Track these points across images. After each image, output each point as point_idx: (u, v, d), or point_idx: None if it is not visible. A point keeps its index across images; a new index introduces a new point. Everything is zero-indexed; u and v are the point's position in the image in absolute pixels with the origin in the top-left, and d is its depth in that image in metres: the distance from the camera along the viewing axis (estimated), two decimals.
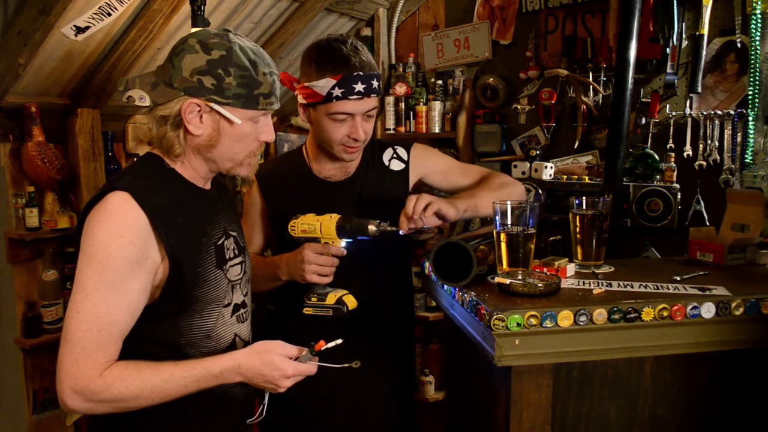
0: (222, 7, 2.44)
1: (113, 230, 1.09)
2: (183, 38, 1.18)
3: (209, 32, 1.18)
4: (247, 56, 1.16)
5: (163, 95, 1.15)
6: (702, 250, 1.56)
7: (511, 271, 1.31)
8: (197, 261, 1.19)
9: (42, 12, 1.97)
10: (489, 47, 2.92)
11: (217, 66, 1.14)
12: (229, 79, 1.14)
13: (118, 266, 1.08)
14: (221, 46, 1.15)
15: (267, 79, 1.18)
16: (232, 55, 1.15)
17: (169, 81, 1.15)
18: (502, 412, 1.22)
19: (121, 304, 1.10)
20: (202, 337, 1.21)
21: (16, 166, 2.31)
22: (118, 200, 1.11)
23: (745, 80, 2.31)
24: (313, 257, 1.43)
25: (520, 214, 1.32)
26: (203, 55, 1.14)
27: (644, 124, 2.50)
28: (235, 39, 1.18)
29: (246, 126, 1.19)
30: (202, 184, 1.26)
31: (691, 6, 2.38)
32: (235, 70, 1.14)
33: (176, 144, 1.17)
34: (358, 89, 1.46)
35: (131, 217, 1.10)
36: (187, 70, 1.14)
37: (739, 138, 2.33)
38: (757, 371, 1.28)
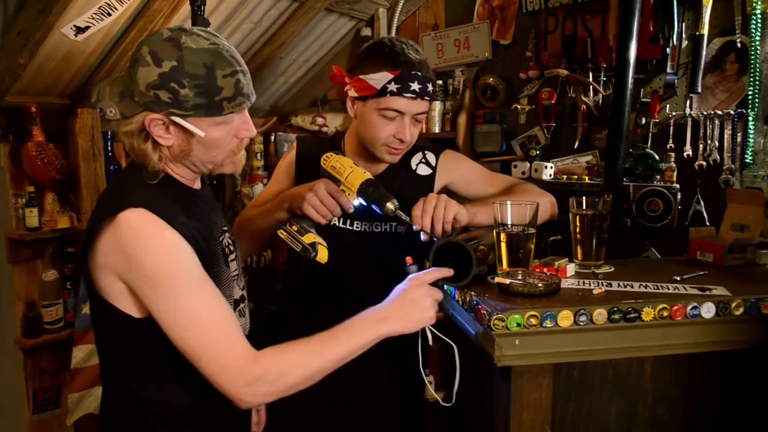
0: (222, 7, 2.45)
1: (158, 250, 1.06)
2: (139, 44, 1.11)
3: (161, 36, 1.10)
4: (202, 61, 1.08)
5: (128, 108, 1.10)
6: (702, 250, 1.56)
7: (511, 271, 1.31)
8: (214, 261, 1.18)
9: (42, 12, 1.97)
10: (489, 47, 2.92)
11: (169, 79, 1.06)
12: (184, 91, 1.07)
13: (194, 270, 1.08)
14: (171, 56, 1.07)
15: (229, 81, 1.10)
16: (184, 64, 1.06)
17: (131, 94, 1.09)
18: (502, 412, 1.22)
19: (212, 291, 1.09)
20: None
21: (16, 166, 2.31)
22: (141, 216, 1.06)
23: (745, 80, 2.31)
24: (322, 191, 1.39)
25: (521, 214, 1.32)
26: (154, 67, 1.07)
27: (644, 124, 2.50)
28: (189, 41, 1.08)
29: (216, 131, 1.13)
30: (193, 185, 1.24)
31: (691, 6, 2.38)
32: (189, 81, 1.07)
33: (150, 156, 1.13)
34: (414, 88, 1.45)
35: (161, 227, 1.07)
36: (142, 84, 1.07)
37: (739, 138, 2.33)
38: (757, 371, 1.28)
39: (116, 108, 1.11)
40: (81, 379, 2.39)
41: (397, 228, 1.59)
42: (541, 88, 2.75)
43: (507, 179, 1.70)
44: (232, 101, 1.11)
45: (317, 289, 1.61)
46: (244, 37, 2.74)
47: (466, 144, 2.92)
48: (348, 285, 1.57)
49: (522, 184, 1.66)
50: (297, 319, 1.61)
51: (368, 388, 1.62)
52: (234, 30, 2.64)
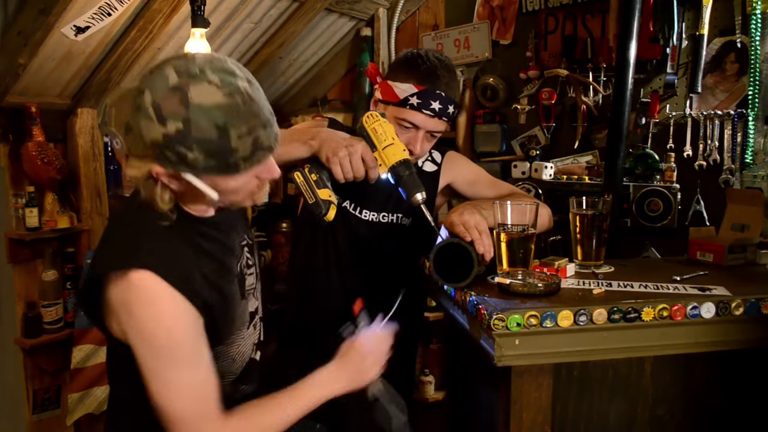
0: (222, 7, 2.45)
1: (161, 321, 1.02)
2: (142, 85, 0.97)
3: (166, 82, 0.95)
4: (213, 122, 0.95)
5: (135, 147, 0.99)
6: (702, 250, 1.56)
7: (511, 271, 1.31)
8: (228, 306, 1.15)
9: (42, 12, 1.97)
10: (489, 47, 2.92)
11: (174, 142, 0.95)
12: (192, 155, 0.96)
13: (188, 346, 1.05)
14: (176, 115, 0.94)
15: (245, 140, 0.98)
16: (191, 128, 0.94)
17: (136, 137, 0.98)
18: (502, 412, 1.22)
19: (202, 370, 1.06)
20: (229, 362, 1.19)
21: (16, 166, 2.31)
22: (151, 284, 1.00)
23: (745, 80, 2.31)
24: (358, 154, 1.36)
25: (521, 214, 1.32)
26: (158, 125, 0.94)
27: (644, 124, 2.49)
28: (198, 94, 0.94)
29: (232, 182, 1.04)
30: (206, 214, 1.15)
31: (691, 6, 2.38)
32: (197, 145, 0.95)
33: (159, 200, 1.04)
34: (434, 107, 1.46)
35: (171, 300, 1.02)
36: (146, 137, 0.96)
37: (739, 138, 2.33)
38: (757, 371, 1.28)
39: (122, 141, 1.00)
40: (81, 379, 2.40)
41: (402, 220, 1.62)
42: (541, 88, 2.75)
43: (509, 186, 1.74)
44: (250, 159, 1.01)
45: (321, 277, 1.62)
46: (244, 37, 2.74)
47: (466, 144, 2.92)
48: (349, 271, 1.59)
49: (522, 194, 1.69)
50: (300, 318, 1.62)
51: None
52: (234, 30, 2.64)
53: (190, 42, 2.25)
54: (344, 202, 1.59)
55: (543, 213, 1.54)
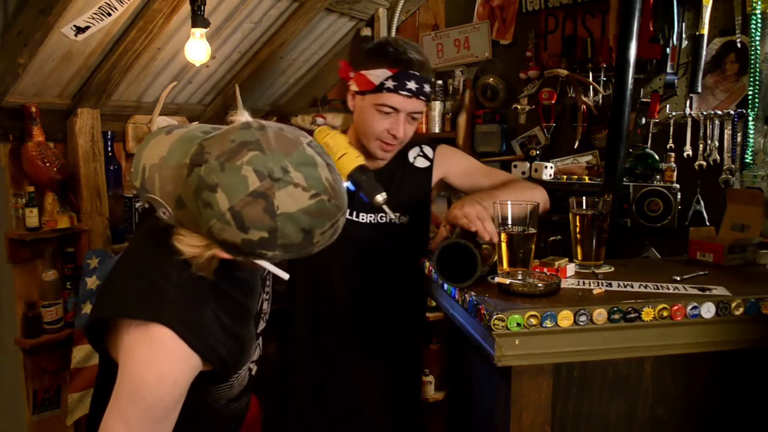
0: (222, 7, 2.44)
1: (165, 376, 0.99)
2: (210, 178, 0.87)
3: (246, 187, 0.86)
4: (301, 226, 0.89)
5: (190, 224, 0.93)
6: (702, 250, 1.56)
7: (511, 271, 1.31)
8: (243, 350, 1.13)
9: (42, 12, 1.97)
10: (489, 47, 2.92)
11: (255, 246, 0.89)
12: (273, 253, 0.92)
13: (167, 406, 1.01)
14: (262, 226, 0.87)
15: (326, 235, 0.94)
16: (277, 236, 0.88)
17: (197, 221, 0.91)
18: (502, 412, 1.22)
19: (165, 429, 1.03)
20: (227, 389, 1.18)
21: (16, 166, 2.31)
22: (167, 341, 0.97)
23: (745, 80, 2.31)
24: None
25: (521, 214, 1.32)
26: (237, 232, 0.87)
27: (644, 124, 2.49)
28: (284, 203, 0.86)
29: None
30: None
31: (691, 6, 2.38)
32: (281, 249, 0.91)
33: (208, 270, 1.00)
34: (410, 87, 1.49)
35: (183, 361, 1.00)
36: (217, 235, 0.90)
37: (739, 138, 2.33)
38: (757, 371, 1.28)
39: (171, 212, 0.94)
40: (81, 379, 2.39)
41: (399, 219, 1.62)
42: (541, 88, 2.75)
43: (502, 174, 1.73)
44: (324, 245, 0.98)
45: (323, 281, 1.62)
46: (244, 37, 2.73)
47: (466, 144, 2.92)
48: (351, 275, 1.59)
49: (517, 179, 1.69)
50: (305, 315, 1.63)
51: (369, 389, 1.63)
52: (234, 30, 2.64)
53: (190, 42, 2.25)
54: None
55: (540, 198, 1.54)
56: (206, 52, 2.28)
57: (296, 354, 1.66)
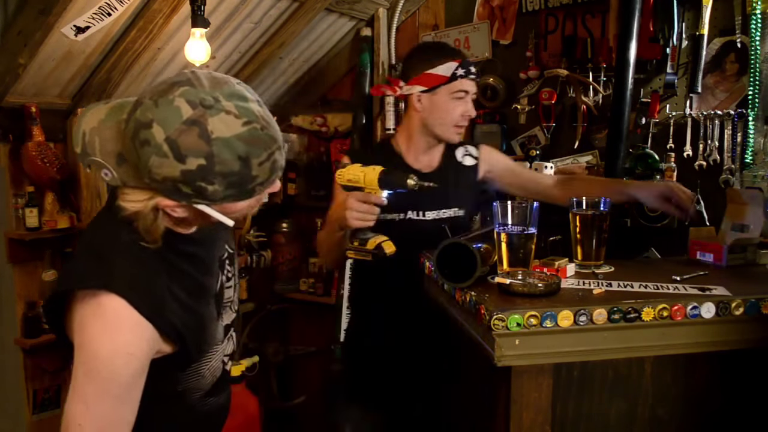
0: (222, 7, 2.45)
1: (119, 347, 0.97)
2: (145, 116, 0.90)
3: (179, 115, 0.89)
4: (237, 152, 0.91)
5: (132, 179, 0.95)
6: (702, 250, 1.56)
7: (511, 271, 1.31)
8: (201, 328, 1.12)
9: (42, 12, 1.97)
10: (489, 47, 2.92)
11: (195, 178, 0.91)
12: (213, 187, 0.93)
13: (124, 381, 0.99)
14: (198, 151, 0.89)
15: (265, 166, 0.96)
16: (215, 162, 0.90)
17: (137, 170, 0.93)
18: (502, 412, 1.22)
19: (126, 409, 1.01)
20: (199, 379, 1.16)
21: (16, 166, 2.32)
22: (119, 310, 0.97)
23: (745, 80, 2.31)
24: (355, 204, 1.53)
25: (521, 215, 1.32)
26: (175, 163, 0.89)
27: (644, 124, 2.49)
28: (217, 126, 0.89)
29: (241, 204, 1.01)
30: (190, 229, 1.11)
31: (691, 6, 2.38)
32: (220, 179, 0.92)
33: (154, 232, 0.99)
34: (473, 71, 1.79)
35: (137, 330, 0.98)
36: (157, 173, 0.91)
37: (739, 138, 2.33)
38: (757, 371, 1.28)
39: (113, 172, 0.95)
40: None
41: (458, 212, 1.85)
42: (541, 88, 2.75)
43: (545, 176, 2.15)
44: (266, 183, 1.00)
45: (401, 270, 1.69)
46: (244, 37, 2.74)
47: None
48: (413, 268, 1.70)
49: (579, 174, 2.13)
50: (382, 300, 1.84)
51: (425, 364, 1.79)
52: (234, 30, 2.64)
53: (190, 42, 2.25)
54: (408, 214, 1.80)
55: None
56: (206, 52, 2.28)
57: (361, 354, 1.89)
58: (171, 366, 1.09)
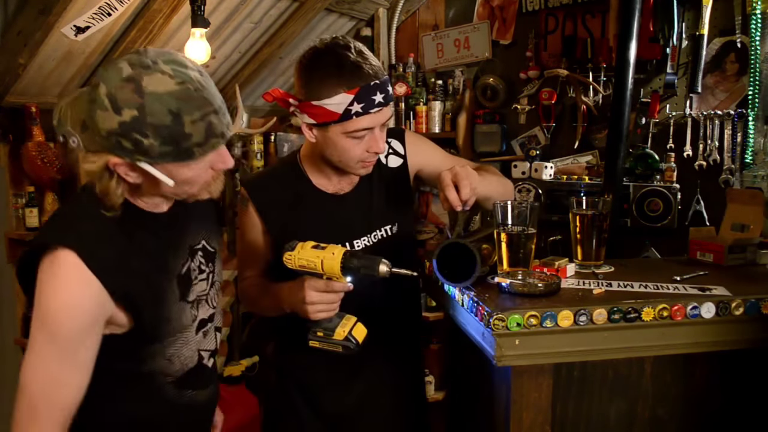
0: (222, 7, 2.45)
1: (65, 300, 1.02)
2: (96, 79, 1.01)
3: (120, 74, 0.98)
4: (168, 107, 0.98)
5: (92, 143, 1.02)
6: (702, 250, 1.56)
7: (511, 271, 1.31)
8: (159, 303, 1.13)
9: (42, 12, 1.97)
10: (489, 47, 2.92)
11: (130, 129, 0.98)
12: (148, 141, 0.99)
13: (69, 335, 1.03)
14: (132, 103, 0.97)
15: (199, 126, 1.00)
16: (146, 114, 0.97)
17: (92, 131, 1.01)
18: (502, 412, 1.22)
19: (72, 370, 1.05)
20: (166, 363, 1.17)
21: (16, 166, 2.32)
22: (69, 263, 1.02)
23: (745, 80, 2.31)
24: (316, 297, 1.29)
25: (520, 214, 1.32)
26: (113, 115, 0.97)
27: (644, 124, 2.50)
28: (151, 83, 0.97)
29: (187, 171, 1.05)
30: (157, 210, 1.16)
31: (691, 6, 2.38)
32: (153, 131, 0.98)
33: (113, 193, 1.05)
34: (378, 100, 1.32)
35: (84, 284, 1.02)
36: (101, 128, 0.99)
37: (739, 138, 2.33)
38: (757, 371, 1.28)
39: (79, 139, 1.03)
40: None
41: (391, 230, 1.56)
42: (541, 88, 2.75)
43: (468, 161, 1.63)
44: (204, 145, 1.03)
45: None
46: (244, 37, 2.74)
47: (466, 144, 2.92)
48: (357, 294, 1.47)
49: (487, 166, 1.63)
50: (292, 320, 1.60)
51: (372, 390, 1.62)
52: (234, 30, 2.64)
53: (190, 42, 2.25)
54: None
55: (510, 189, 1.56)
56: (206, 52, 2.28)
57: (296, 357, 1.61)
58: (131, 342, 1.12)
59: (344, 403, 1.61)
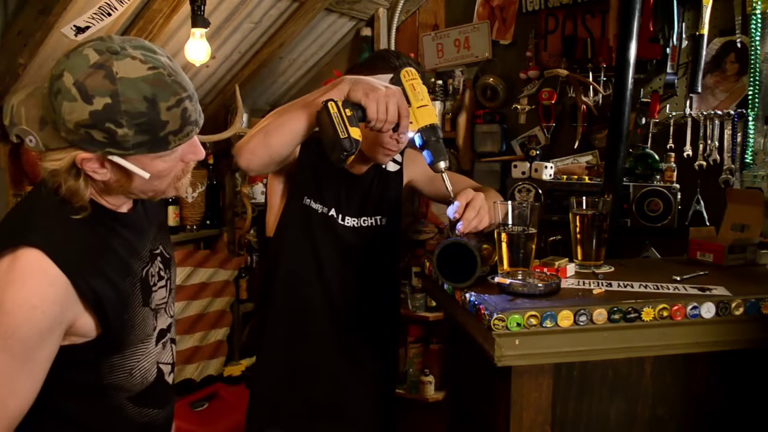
0: (222, 7, 2.45)
1: (24, 299, 0.93)
2: (58, 69, 0.93)
3: (86, 61, 0.92)
4: (142, 92, 0.93)
5: (53, 140, 0.95)
6: (702, 250, 1.56)
7: (511, 271, 1.31)
8: (124, 307, 1.07)
9: (42, 12, 1.97)
10: (489, 47, 2.92)
11: (103, 119, 0.92)
12: (123, 131, 0.93)
13: (26, 338, 0.94)
14: (104, 91, 0.91)
15: (174, 112, 0.96)
16: (120, 101, 0.91)
17: (55, 125, 0.94)
18: (502, 412, 1.22)
19: (26, 377, 0.97)
20: (126, 376, 1.11)
21: (16, 166, 2.31)
22: (32, 261, 0.94)
23: (745, 80, 2.31)
24: (395, 100, 1.28)
25: (521, 214, 1.32)
26: (83, 104, 0.91)
27: (644, 124, 2.50)
28: (122, 68, 0.92)
29: (161, 164, 1.01)
30: (119, 209, 1.11)
31: (691, 6, 2.38)
32: (128, 119, 0.92)
33: (81, 193, 0.99)
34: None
35: (46, 283, 0.95)
36: (69, 121, 0.92)
37: (739, 138, 2.33)
38: (757, 371, 1.28)
39: (37, 137, 0.95)
40: None
41: (381, 221, 1.67)
42: (541, 88, 2.75)
43: (469, 181, 1.75)
44: (179, 133, 0.98)
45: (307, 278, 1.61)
46: (244, 37, 2.74)
47: (466, 144, 2.92)
48: (334, 273, 1.60)
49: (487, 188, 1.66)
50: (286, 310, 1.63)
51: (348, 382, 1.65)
52: (234, 30, 2.64)
53: (190, 42, 2.25)
54: (330, 211, 1.60)
55: None
56: (206, 52, 2.28)
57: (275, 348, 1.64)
58: (91, 353, 1.05)
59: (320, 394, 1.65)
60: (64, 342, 1.02)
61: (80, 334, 1.03)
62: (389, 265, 1.76)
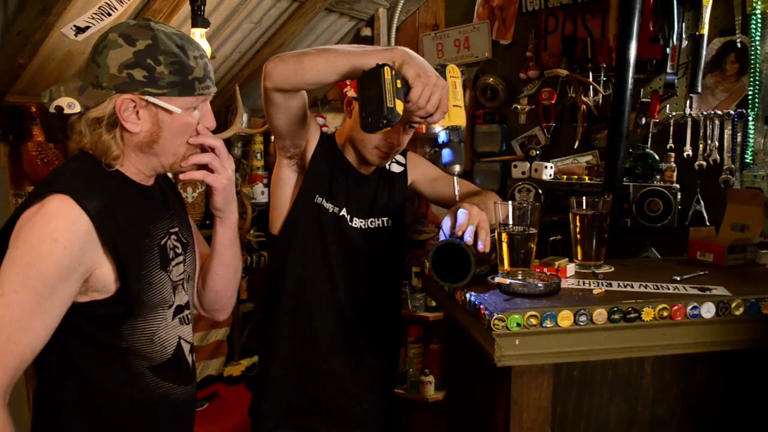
0: (222, 7, 2.45)
1: (48, 234, 1.01)
2: (102, 35, 1.12)
3: (128, 24, 1.12)
4: (174, 41, 1.11)
5: (93, 97, 1.09)
6: (702, 250, 1.56)
7: (511, 271, 1.31)
8: (142, 264, 1.13)
9: (42, 12, 1.97)
10: (489, 47, 2.92)
11: (145, 56, 1.08)
12: (160, 68, 1.09)
13: (45, 270, 1.00)
14: (145, 36, 1.09)
15: (199, 62, 1.14)
16: (159, 42, 1.09)
17: (97, 82, 1.09)
18: (502, 412, 1.22)
19: (41, 317, 1.02)
20: (146, 341, 1.16)
21: (16, 166, 2.31)
22: (57, 204, 1.03)
23: (745, 80, 2.31)
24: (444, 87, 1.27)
25: (522, 215, 1.32)
26: (128, 47, 1.08)
27: (644, 124, 2.50)
28: (158, 26, 1.12)
29: (186, 115, 1.14)
30: (144, 181, 1.20)
31: (691, 6, 2.38)
32: (165, 58, 1.09)
33: (113, 147, 1.11)
34: None
35: (70, 221, 1.02)
36: (113, 66, 1.08)
37: (739, 138, 2.33)
38: (757, 371, 1.28)
39: (77, 102, 1.09)
40: None
41: (386, 223, 1.69)
42: (541, 88, 2.75)
43: (467, 184, 1.79)
44: (202, 82, 1.14)
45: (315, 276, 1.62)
46: (244, 37, 2.74)
47: (466, 144, 2.91)
48: (342, 272, 1.61)
49: (486, 191, 1.70)
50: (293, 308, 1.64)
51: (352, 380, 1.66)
52: (234, 30, 2.64)
53: None
54: (342, 210, 1.61)
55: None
56: (206, 52, 2.28)
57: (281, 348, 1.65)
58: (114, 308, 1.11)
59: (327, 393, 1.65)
60: (85, 298, 1.09)
61: (99, 287, 1.09)
62: (394, 266, 1.77)
